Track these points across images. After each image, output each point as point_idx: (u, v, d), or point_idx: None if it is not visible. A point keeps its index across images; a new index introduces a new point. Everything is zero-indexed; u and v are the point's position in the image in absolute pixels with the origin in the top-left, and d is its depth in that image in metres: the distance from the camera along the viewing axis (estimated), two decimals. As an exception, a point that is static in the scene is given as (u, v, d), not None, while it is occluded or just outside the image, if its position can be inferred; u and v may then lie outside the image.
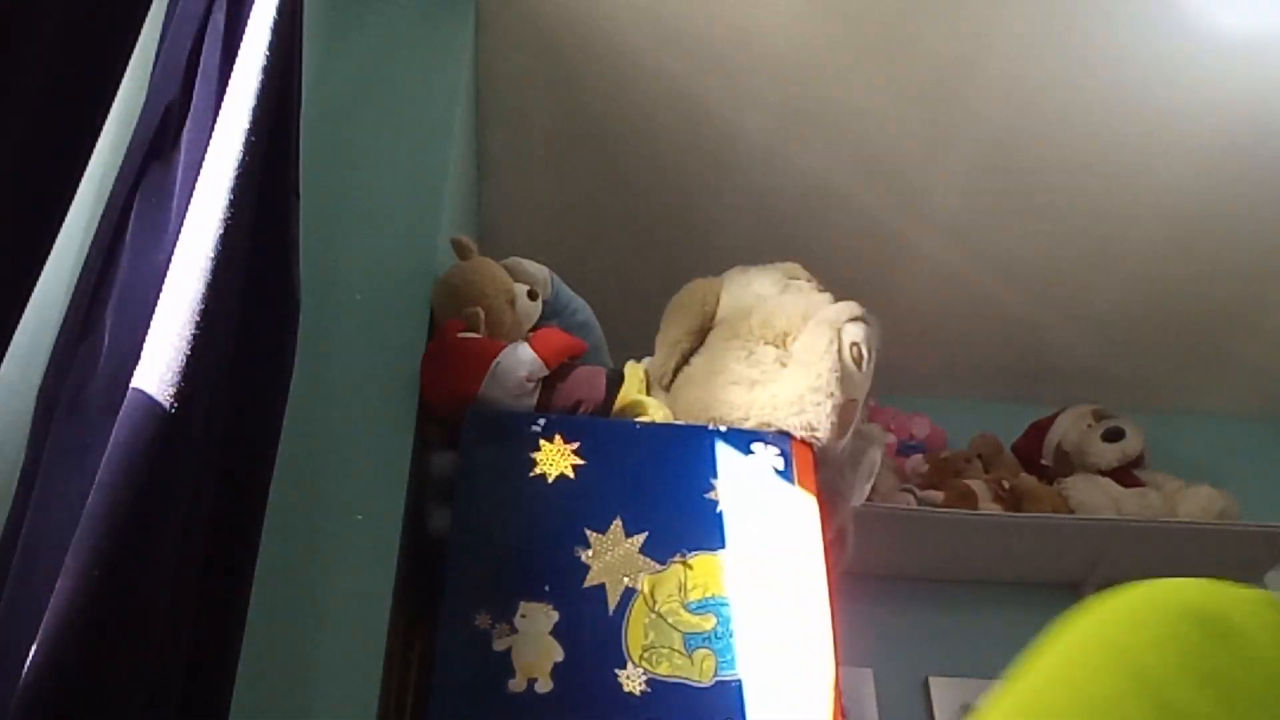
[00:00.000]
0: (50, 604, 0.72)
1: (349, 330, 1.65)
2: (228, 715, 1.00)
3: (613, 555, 1.46)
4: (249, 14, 1.11)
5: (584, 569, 1.45)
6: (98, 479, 0.77)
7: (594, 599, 1.43)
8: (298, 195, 1.25)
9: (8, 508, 0.90)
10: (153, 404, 0.81)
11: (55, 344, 0.99)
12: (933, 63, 2.16)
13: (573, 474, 1.54)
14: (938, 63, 2.16)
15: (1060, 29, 2.08)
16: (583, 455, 1.55)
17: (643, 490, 1.53)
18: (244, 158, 0.99)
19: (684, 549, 1.48)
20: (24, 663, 0.71)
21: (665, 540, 1.48)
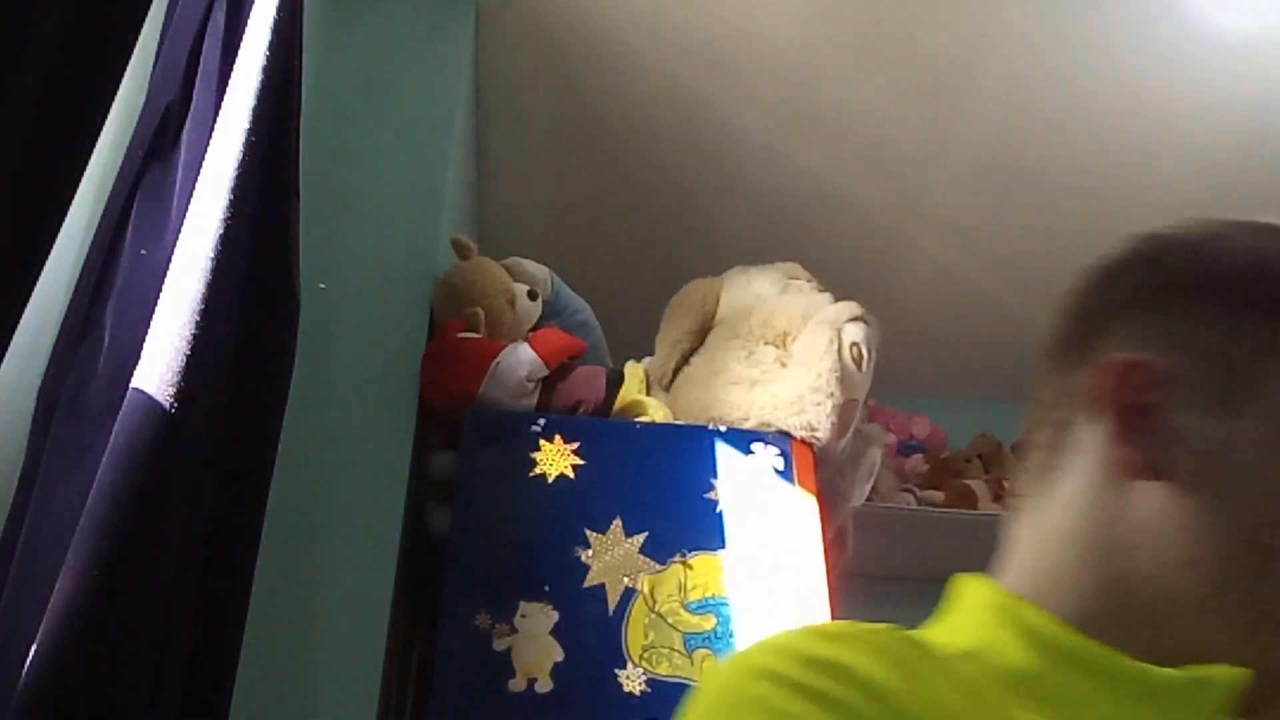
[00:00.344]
0: (50, 603, 0.72)
1: (349, 330, 1.65)
2: (228, 715, 1.01)
3: (613, 555, 1.46)
4: (249, 14, 1.11)
5: (584, 569, 1.45)
6: (98, 479, 0.77)
7: (594, 599, 1.43)
8: (298, 195, 1.25)
9: (8, 507, 0.90)
10: (153, 404, 0.81)
11: (55, 344, 0.99)
12: (933, 63, 2.16)
13: (573, 474, 1.54)
14: (938, 63, 2.16)
15: (1060, 29, 2.08)
16: (583, 455, 1.55)
17: (643, 490, 1.53)
18: (244, 158, 0.99)
19: (684, 549, 1.48)
20: (24, 662, 0.71)
21: (665, 540, 1.48)
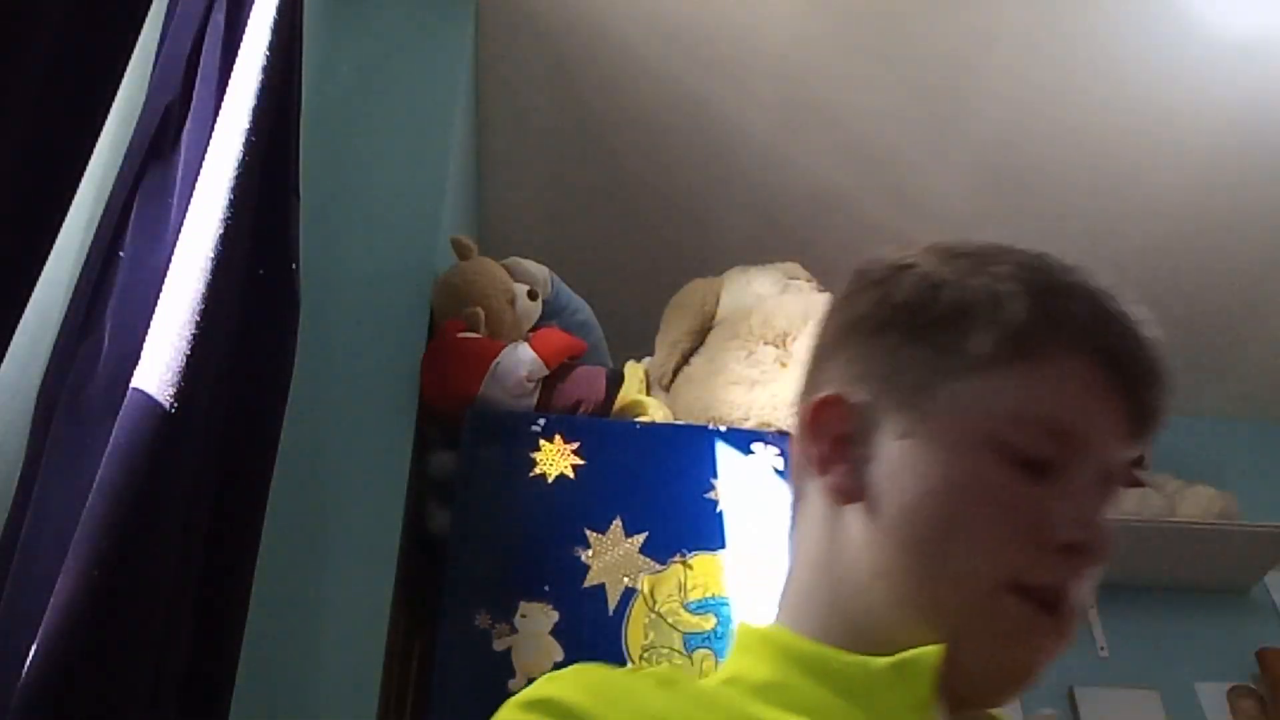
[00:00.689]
0: (50, 603, 0.72)
1: (349, 330, 1.65)
2: (227, 715, 1.00)
3: (613, 555, 1.46)
4: (249, 14, 1.11)
5: (584, 569, 1.45)
6: (98, 479, 0.77)
7: (594, 599, 1.43)
8: (298, 195, 1.25)
9: (8, 508, 0.90)
10: (152, 404, 0.81)
11: (55, 344, 0.99)
12: (934, 63, 2.16)
13: (572, 474, 1.54)
14: (939, 63, 2.16)
15: (1061, 30, 2.08)
16: (583, 455, 1.55)
17: (643, 490, 1.53)
18: (244, 158, 0.99)
19: (684, 549, 1.48)
20: (24, 662, 0.71)
21: (665, 540, 1.48)
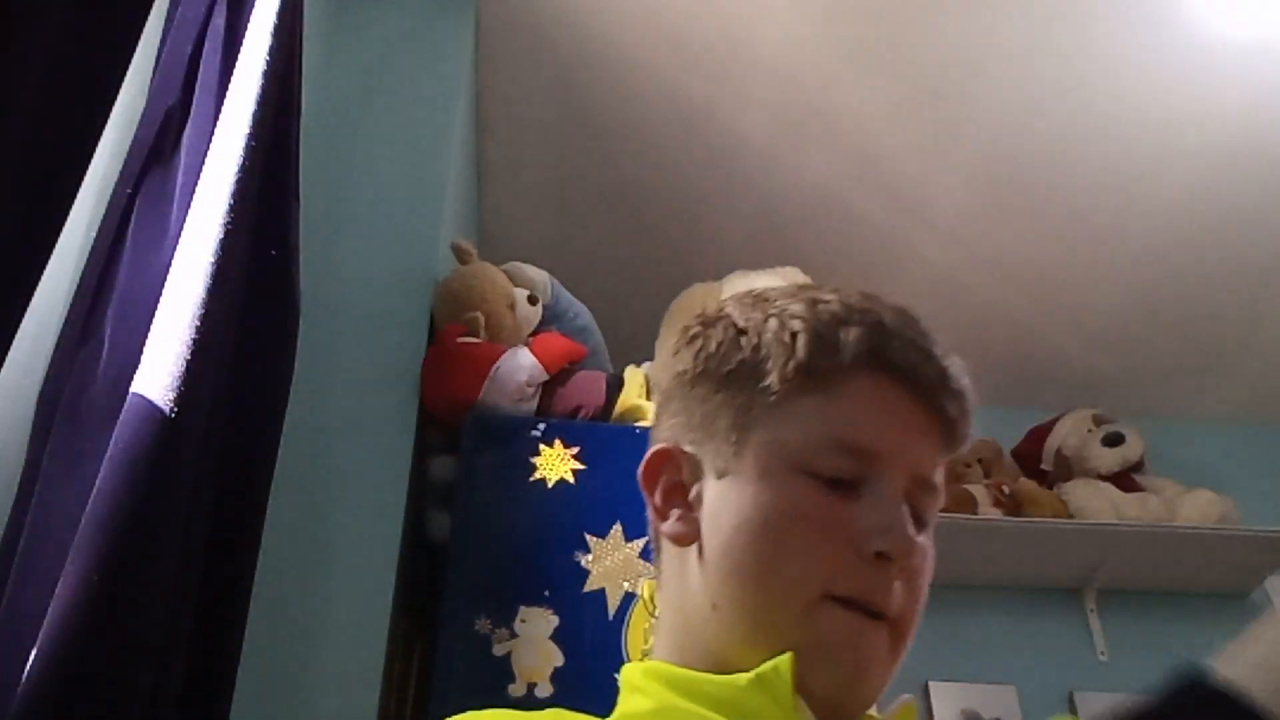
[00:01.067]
0: (51, 608, 0.72)
1: (349, 335, 1.65)
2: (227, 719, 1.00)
3: (613, 560, 1.46)
4: (249, 18, 1.11)
5: (584, 574, 1.45)
6: (98, 483, 0.77)
7: (594, 604, 1.43)
8: (298, 199, 1.25)
9: (8, 512, 0.90)
10: (153, 409, 0.81)
11: (55, 348, 0.99)
12: (932, 68, 2.16)
13: (573, 479, 1.54)
14: (937, 68, 2.16)
15: (1060, 35, 2.08)
16: (583, 460, 1.55)
17: (643, 495, 1.52)
18: (244, 162, 0.99)
19: (684, 553, 1.48)
20: (25, 666, 0.71)
21: (665, 545, 1.48)
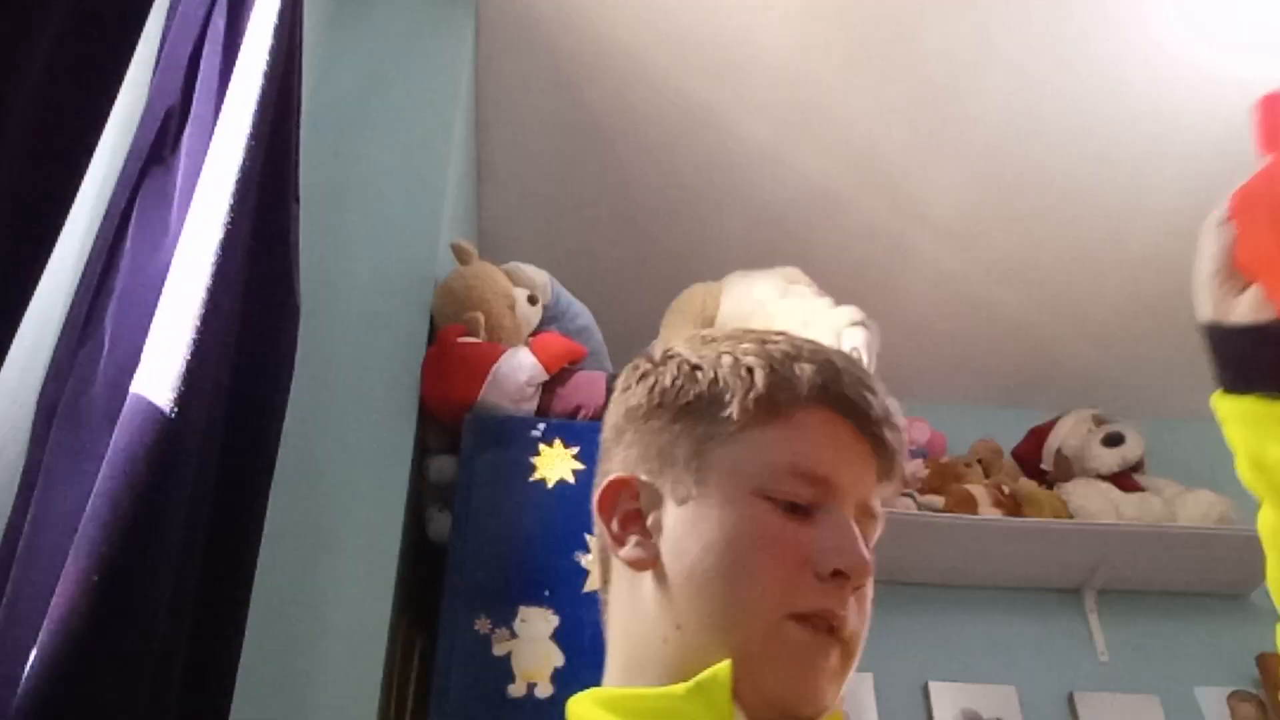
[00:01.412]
0: (50, 608, 0.72)
1: (349, 335, 1.65)
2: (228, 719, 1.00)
3: (612, 560, 1.46)
4: (249, 18, 1.11)
5: (584, 574, 1.45)
6: (97, 484, 0.77)
7: (594, 604, 1.42)
8: (298, 200, 1.25)
9: (8, 512, 0.90)
10: (152, 409, 0.81)
11: (55, 349, 0.99)
12: (932, 69, 2.16)
13: (573, 479, 1.54)
14: (937, 68, 2.16)
15: (1060, 35, 2.08)
16: (583, 460, 1.55)
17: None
18: (244, 163, 0.99)
19: (684, 554, 1.48)
20: (24, 666, 0.71)
21: (665, 545, 1.48)
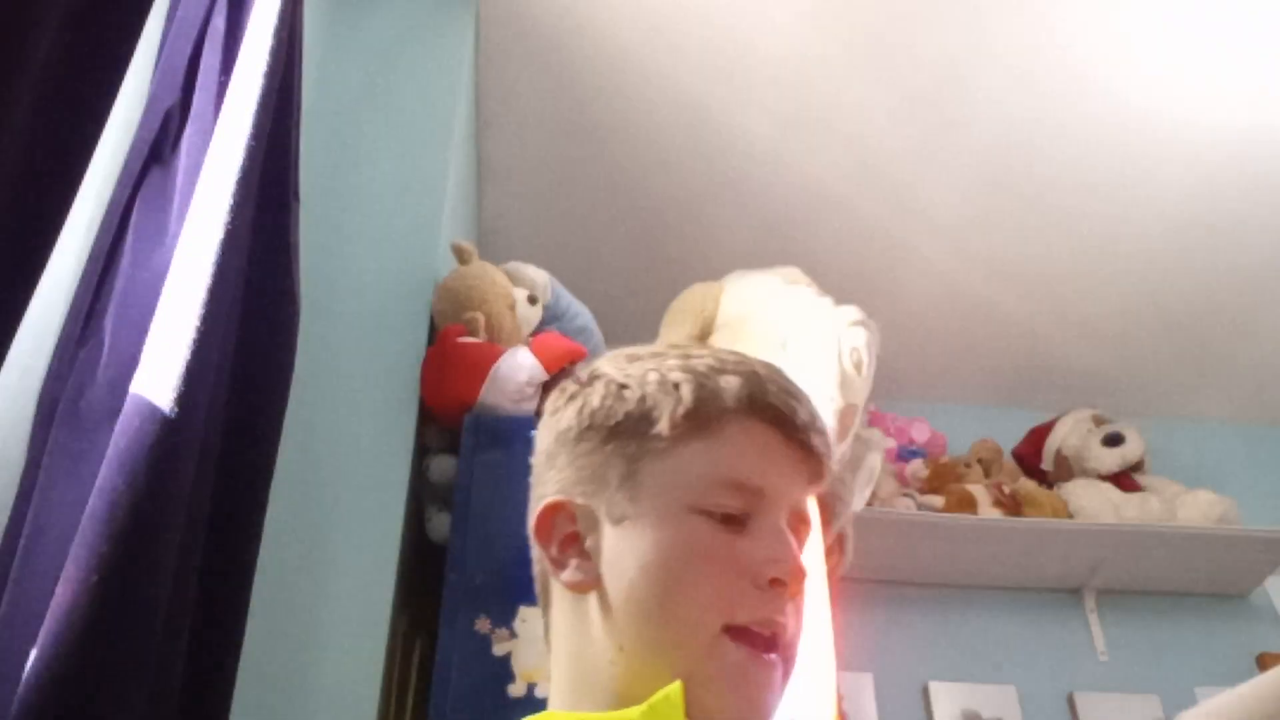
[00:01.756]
0: (50, 609, 0.72)
1: (349, 335, 1.65)
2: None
3: (612, 560, 1.46)
4: (249, 18, 1.11)
5: (584, 574, 1.44)
6: (97, 484, 0.77)
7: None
8: (298, 200, 1.25)
9: (8, 513, 0.90)
10: (152, 409, 0.81)
11: (55, 349, 0.99)
12: (932, 68, 2.16)
13: (572, 479, 1.53)
14: (937, 68, 2.16)
15: (1059, 36, 2.08)
16: (582, 460, 1.55)
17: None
18: (244, 162, 0.99)
19: (684, 554, 1.48)
20: (24, 667, 0.71)
21: (665, 545, 1.48)
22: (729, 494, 0.69)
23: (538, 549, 0.75)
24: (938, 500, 2.48)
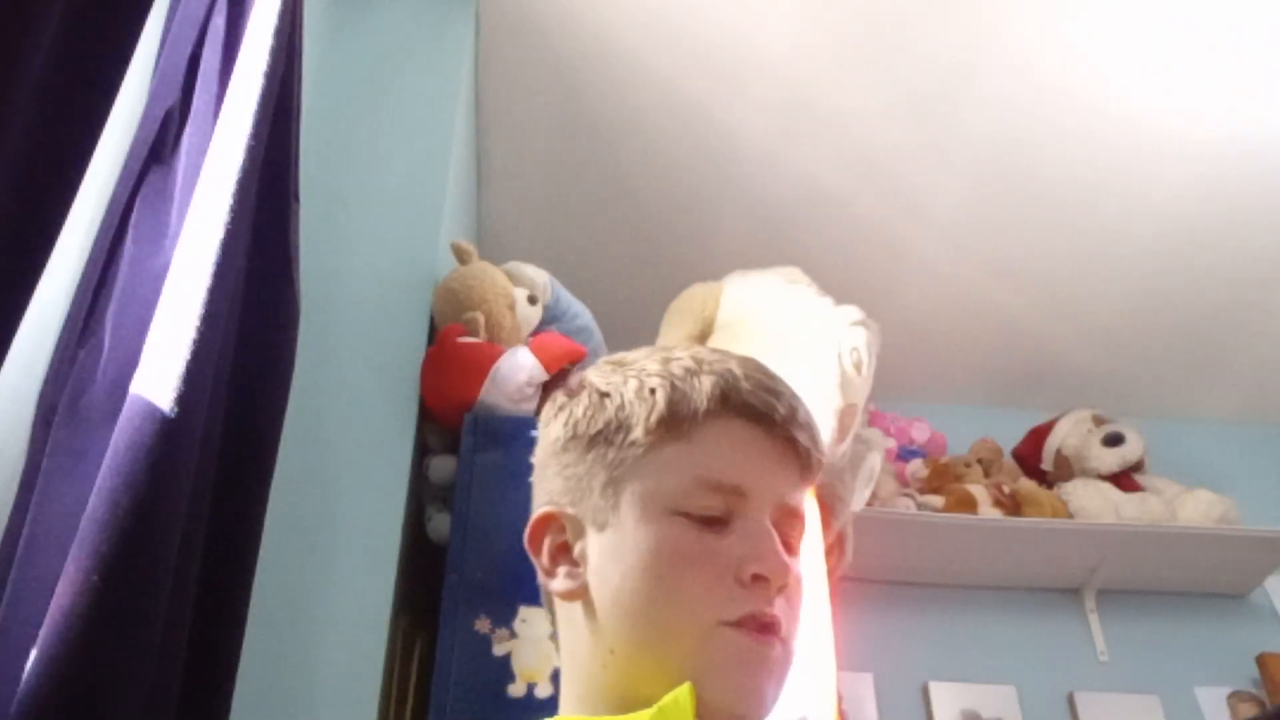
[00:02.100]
0: (50, 609, 0.72)
1: (349, 335, 1.65)
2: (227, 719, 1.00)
3: (612, 560, 1.46)
4: (249, 18, 1.11)
5: (584, 574, 1.45)
6: (97, 484, 0.77)
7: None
8: (297, 200, 1.25)
9: (8, 512, 0.90)
10: (152, 409, 0.81)
11: (55, 349, 0.99)
12: (932, 68, 2.16)
13: (572, 479, 1.53)
14: (937, 68, 2.16)
15: (1060, 36, 2.08)
16: (582, 460, 1.55)
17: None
18: (244, 162, 0.99)
19: (684, 554, 1.48)
20: (24, 667, 0.71)
21: (665, 545, 1.48)
22: (707, 495, 0.70)
23: (533, 560, 0.77)
24: (938, 500, 2.48)
